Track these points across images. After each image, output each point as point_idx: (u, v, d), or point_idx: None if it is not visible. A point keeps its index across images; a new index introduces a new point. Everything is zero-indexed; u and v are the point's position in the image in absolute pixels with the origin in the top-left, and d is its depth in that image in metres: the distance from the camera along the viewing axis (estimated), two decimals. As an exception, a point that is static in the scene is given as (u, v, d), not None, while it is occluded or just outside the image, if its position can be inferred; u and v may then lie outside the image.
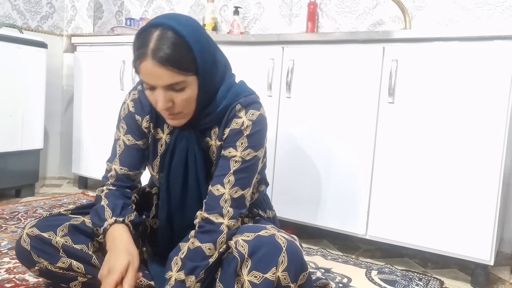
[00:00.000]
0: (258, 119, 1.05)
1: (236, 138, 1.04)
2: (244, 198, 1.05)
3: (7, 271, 1.41)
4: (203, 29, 1.02)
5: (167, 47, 0.91)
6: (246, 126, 1.04)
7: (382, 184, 1.64)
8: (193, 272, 0.96)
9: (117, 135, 1.16)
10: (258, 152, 1.06)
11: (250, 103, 1.06)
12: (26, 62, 2.29)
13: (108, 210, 1.05)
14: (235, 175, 1.03)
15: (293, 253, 0.94)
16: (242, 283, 0.92)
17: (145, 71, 0.94)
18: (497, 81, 1.42)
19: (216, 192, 1.03)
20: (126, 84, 2.34)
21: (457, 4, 1.98)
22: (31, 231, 1.04)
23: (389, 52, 1.62)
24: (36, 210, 2.10)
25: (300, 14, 2.38)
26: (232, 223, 1.01)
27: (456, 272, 1.68)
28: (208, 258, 0.97)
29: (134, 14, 3.00)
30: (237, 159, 1.03)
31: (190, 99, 0.99)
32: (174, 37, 0.92)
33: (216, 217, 1.00)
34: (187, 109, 1.01)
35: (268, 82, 1.85)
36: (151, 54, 0.91)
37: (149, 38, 0.92)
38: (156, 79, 0.94)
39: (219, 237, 0.98)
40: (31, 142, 2.35)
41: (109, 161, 1.16)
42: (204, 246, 0.98)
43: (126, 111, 1.14)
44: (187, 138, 1.07)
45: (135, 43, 0.96)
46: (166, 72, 0.92)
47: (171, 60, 0.91)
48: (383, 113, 1.63)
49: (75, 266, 1.04)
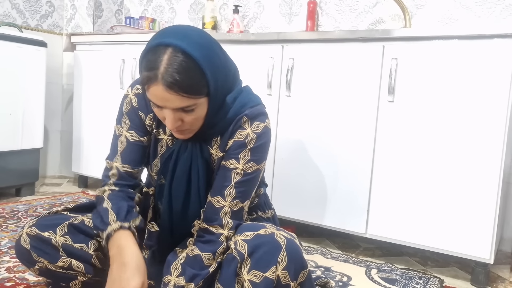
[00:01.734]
0: (263, 131, 1.03)
1: (239, 150, 1.02)
2: (243, 210, 1.05)
3: (7, 270, 1.41)
4: (215, 43, 0.97)
5: (178, 73, 0.86)
6: (250, 139, 1.02)
7: (382, 182, 1.64)
8: (193, 280, 0.95)
9: (119, 131, 1.11)
10: (260, 165, 1.05)
11: (256, 115, 1.03)
12: (26, 61, 2.28)
13: (112, 213, 1.00)
14: (236, 188, 1.02)
15: (293, 251, 0.93)
16: (242, 282, 0.92)
17: (155, 95, 0.90)
18: (497, 79, 1.42)
19: (216, 204, 1.02)
20: (125, 83, 2.34)
21: (457, 2, 1.98)
22: (30, 230, 1.03)
23: (389, 51, 1.61)
24: (36, 209, 2.10)
25: (300, 13, 2.38)
26: (231, 233, 1.00)
27: (456, 271, 1.68)
28: (207, 267, 0.97)
29: (133, 13, 3.00)
30: (239, 171, 1.02)
31: (200, 118, 0.97)
32: (186, 62, 0.88)
33: (216, 228, 1.00)
34: (195, 126, 0.99)
35: (268, 81, 1.85)
36: (162, 79, 0.87)
37: (158, 60, 0.87)
38: (166, 102, 0.90)
39: (219, 248, 0.98)
40: (31, 141, 2.35)
41: (109, 159, 1.11)
42: (203, 255, 0.97)
43: (129, 106, 1.10)
44: (191, 148, 1.04)
45: (143, 62, 0.91)
46: (177, 97, 0.89)
47: (183, 87, 0.87)
48: (383, 112, 1.63)
49: (75, 265, 1.04)
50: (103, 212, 1.01)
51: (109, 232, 0.98)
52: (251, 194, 1.06)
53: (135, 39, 2.31)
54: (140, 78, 0.94)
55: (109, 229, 0.98)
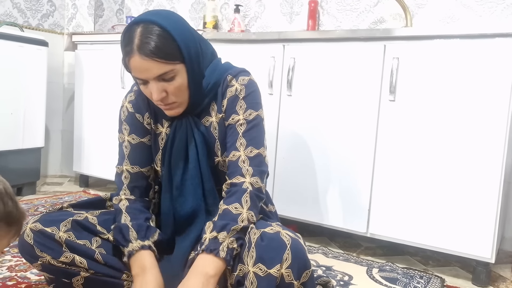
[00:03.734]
0: (249, 82, 1.11)
1: (234, 104, 1.09)
2: (261, 156, 1.08)
3: (9, 269, 1.41)
4: (185, 21, 1.06)
5: (151, 40, 0.96)
6: (240, 90, 1.10)
7: (383, 182, 1.64)
8: (224, 228, 0.97)
9: (121, 138, 1.18)
10: (259, 111, 1.11)
11: (239, 72, 1.12)
12: (27, 61, 2.29)
13: (133, 231, 1.06)
14: (245, 137, 1.07)
15: (297, 251, 0.94)
16: (246, 272, 0.93)
17: (135, 66, 0.98)
18: (498, 78, 1.42)
19: (233, 158, 1.07)
20: (126, 82, 2.34)
21: (458, 1, 1.98)
22: (34, 225, 1.04)
23: (390, 50, 1.61)
24: (37, 208, 2.11)
25: (301, 12, 2.38)
26: (254, 180, 1.04)
27: (457, 270, 1.68)
28: (236, 216, 0.98)
29: (134, 12, 3.00)
30: (242, 121, 1.08)
31: (182, 86, 1.03)
32: (157, 30, 0.97)
33: (237, 178, 1.04)
34: (181, 98, 1.05)
35: (269, 80, 1.85)
36: (137, 49, 0.96)
37: (133, 35, 0.97)
38: (146, 73, 0.98)
39: (243, 196, 1.01)
40: (32, 140, 2.35)
41: (119, 164, 1.17)
42: (230, 207, 1.00)
43: (126, 113, 1.17)
44: (185, 124, 1.10)
45: (122, 42, 1.01)
46: (154, 63, 0.96)
47: (157, 52, 0.96)
48: (384, 111, 1.63)
49: (78, 261, 1.05)
50: (124, 229, 1.06)
51: (131, 250, 1.04)
52: (262, 140, 1.11)
53: (136, 39, 2.31)
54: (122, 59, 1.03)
55: (131, 247, 1.04)
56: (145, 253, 1.03)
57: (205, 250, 0.95)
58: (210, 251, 0.94)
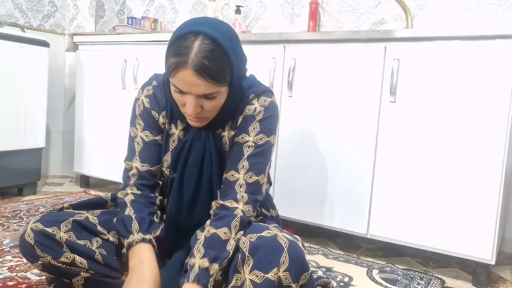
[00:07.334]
0: (270, 105, 1.08)
1: (249, 123, 1.06)
2: (259, 184, 1.06)
3: (10, 269, 1.42)
4: (237, 35, 1.02)
5: (208, 59, 0.91)
6: (258, 112, 1.06)
7: (383, 183, 1.64)
8: (217, 260, 0.95)
9: (134, 133, 1.15)
10: (271, 138, 1.08)
11: (263, 92, 1.09)
12: (28, 61, 2.29)
13: (136, 223, 1.04)
14: (249, 160, 1.04)
15: (295, 253, 0.93)
16: (243, 281, 0.93)
17: (183, 79, 0.93)
18: (499, 80, 1.42)
19: (230, 178, 1.04)
20: (127, 83, 2.34)
21: (459, 3, 1.98)
22: (35, 225, 1.04)
23: (391, 51, 1.62)
24: (38, 209, 2.11)
25: (302, 13, 2.38)
26: (247, 208, 1.02)
27: (457, 271, 1.68)
28: (225, 243, 0.97)
29: (136, 13, 3.01)
30: (250, 144, 1.05)
31: (219, 105, 1.01)
32: (216, 49, 0.92)
33: (230, 202, 1.02)
34: (212, 114, 1.03)
35: (270, 81, 1.86)
36: (192, 65, 0.91)
37: (190, 47, 0.91)
38: (192, 88, 0.94)
39: (233, 221, 0.99)
40: (33, 140, 2.36)
41: (128, 160, 1.15)
42: (219, 231, 0.98)
43: (141, 108, 1.14)
44: (204, 137, 1.08)
45: (171, 49, 0.95)
46: (204, 83, 0.92)
47: (212, 73, 0.92)
48: (384, 112, 1.63)
49: (78, 261, 1.05)
50: (127, 221, 1.05)
51: (131, 241, 1.02)
52: (265, 168, 1.08)
53: (137, 39, 2.32)
54: (166, 65, 0.97)
55: (131, 238, 1.03)
56: (145, 246, 1.02)
57: (196, 281, 0.93)
58: (200, 282, 0.93)
